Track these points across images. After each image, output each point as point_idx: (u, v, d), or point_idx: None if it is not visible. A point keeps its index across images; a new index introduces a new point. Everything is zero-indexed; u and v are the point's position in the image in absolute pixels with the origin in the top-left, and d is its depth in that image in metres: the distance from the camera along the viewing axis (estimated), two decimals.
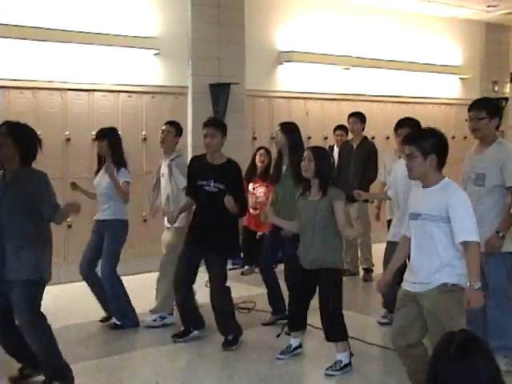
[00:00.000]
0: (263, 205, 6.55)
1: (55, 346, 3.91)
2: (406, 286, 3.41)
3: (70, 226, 6.61)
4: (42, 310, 3.81)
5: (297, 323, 4.63)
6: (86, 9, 6.79)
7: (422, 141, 3.41)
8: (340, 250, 4.46)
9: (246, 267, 7.03)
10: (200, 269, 4.81)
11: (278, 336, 4.81)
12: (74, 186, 5.29)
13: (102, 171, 5.21)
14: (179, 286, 4.74)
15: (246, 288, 6.20)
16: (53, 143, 6.42)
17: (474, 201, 3.76)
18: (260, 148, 7.01)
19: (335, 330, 4.36)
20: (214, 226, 4.61)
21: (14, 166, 3.89)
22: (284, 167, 5.15)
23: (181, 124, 5.75)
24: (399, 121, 5.28)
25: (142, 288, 5.67)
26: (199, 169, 4.73)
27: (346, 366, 4.30)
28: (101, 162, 5.32)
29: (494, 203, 4.14)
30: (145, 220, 6.90)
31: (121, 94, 7.08)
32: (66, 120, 6.63)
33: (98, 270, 5.22)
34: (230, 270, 6.95)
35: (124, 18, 7.06)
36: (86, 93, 6.84)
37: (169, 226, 5.07)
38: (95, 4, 6.85)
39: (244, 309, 5.64)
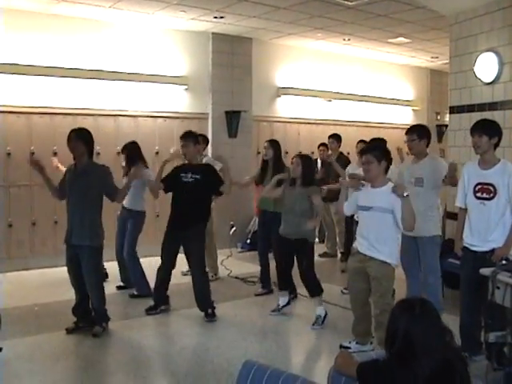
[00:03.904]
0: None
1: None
2: (364, 250, 3.88)
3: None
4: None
5: (283, 283, 5.00)
6: (139, 57, 7.71)
7: (376, 150, 3.81)
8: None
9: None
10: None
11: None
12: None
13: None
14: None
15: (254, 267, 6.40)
16: (107, 154, 7.00)
17: (413, 198, 3.99)
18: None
19: (312, 285, 4.73)
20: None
21: (85, 161, 4.33)
22: (269, 172, 5.54)
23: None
24: (370, 140, 5.61)
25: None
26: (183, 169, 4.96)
27: (324, 318, 4.72)
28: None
29: (429, 199, 4.44)
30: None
31: (158, 119, 7.86)
32: (117, 139, 7.18)
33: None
34: (240, 252, 8.10)
35: (163, 63, 7.94)
36: (133, 118, 7.65)
37: None
38: (145, 55, 7.77)
39: (251, 282, 6.24)
